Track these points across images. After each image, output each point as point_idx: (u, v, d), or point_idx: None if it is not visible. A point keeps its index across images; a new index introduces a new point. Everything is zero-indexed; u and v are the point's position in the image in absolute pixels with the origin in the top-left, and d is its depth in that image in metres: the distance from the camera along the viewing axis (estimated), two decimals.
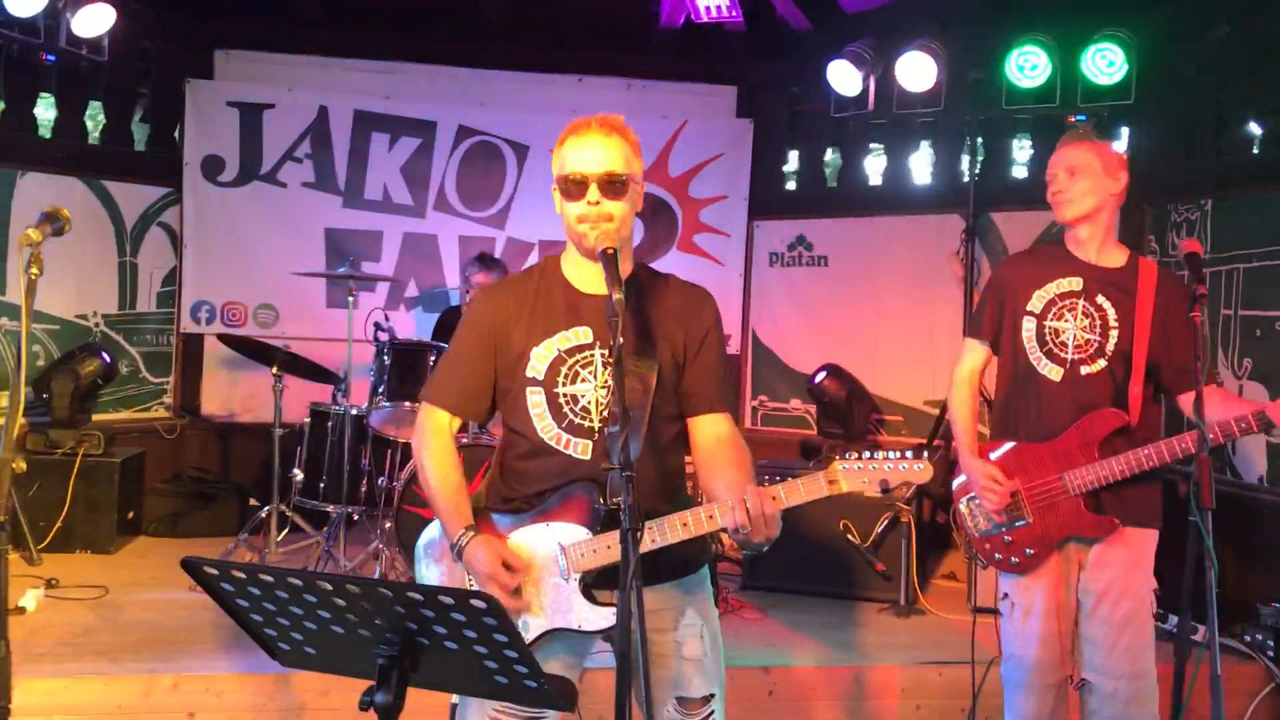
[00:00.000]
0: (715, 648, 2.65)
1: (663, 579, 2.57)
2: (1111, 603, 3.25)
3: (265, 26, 7.16)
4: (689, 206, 7.57)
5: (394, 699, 1.87)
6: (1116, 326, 3.27)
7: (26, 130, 6.42)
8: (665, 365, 2.56)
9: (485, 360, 2.60)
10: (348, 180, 7.20)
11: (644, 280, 2.66)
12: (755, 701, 4.19)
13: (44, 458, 5.80)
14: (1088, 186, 3.29)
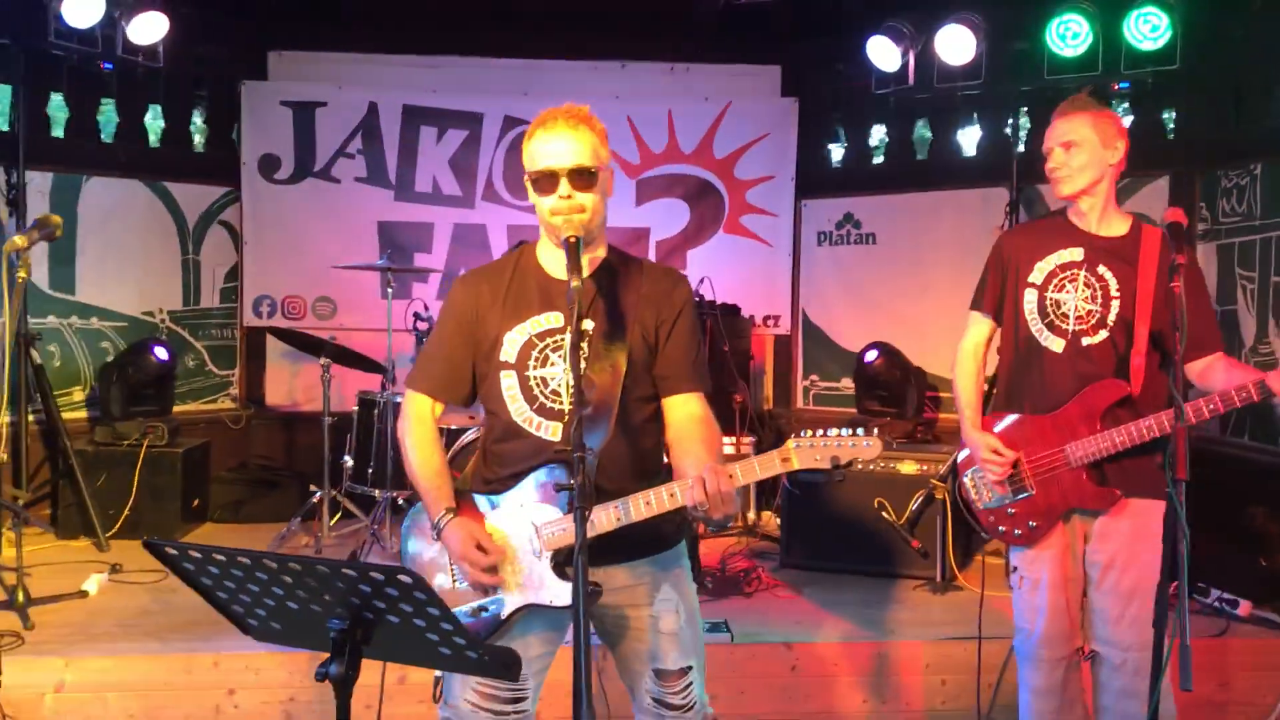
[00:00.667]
0: (691, 622, 2.73)
1: (637, 556, 2.66)
2: (1117, 573, 3.24)
3: (315, 27, 7.35)
4: (735, 188, 7.59)
5: (347, 670, 1.99)
6: (1118, 296, 3.24)
7: (89, 136, 6.70)
8: (636, 348, 2.63)
9: (462, 346, 2.70)
10: (398, 174, 7.38)
11: (616, 265, 2.73)
12: (777, 677, 4.24)
13: (111, 449, 6.07)
14: (1085, 160, 3.26)
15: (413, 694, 4.04)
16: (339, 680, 1.98)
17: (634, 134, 7.50)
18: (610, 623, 2.71)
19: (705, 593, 4.95)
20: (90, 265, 6.68)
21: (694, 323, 2.74)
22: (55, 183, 6.51)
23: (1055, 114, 3.38)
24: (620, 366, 2.60)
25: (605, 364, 2.59)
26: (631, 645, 2.70)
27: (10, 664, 4.03)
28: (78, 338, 6.63)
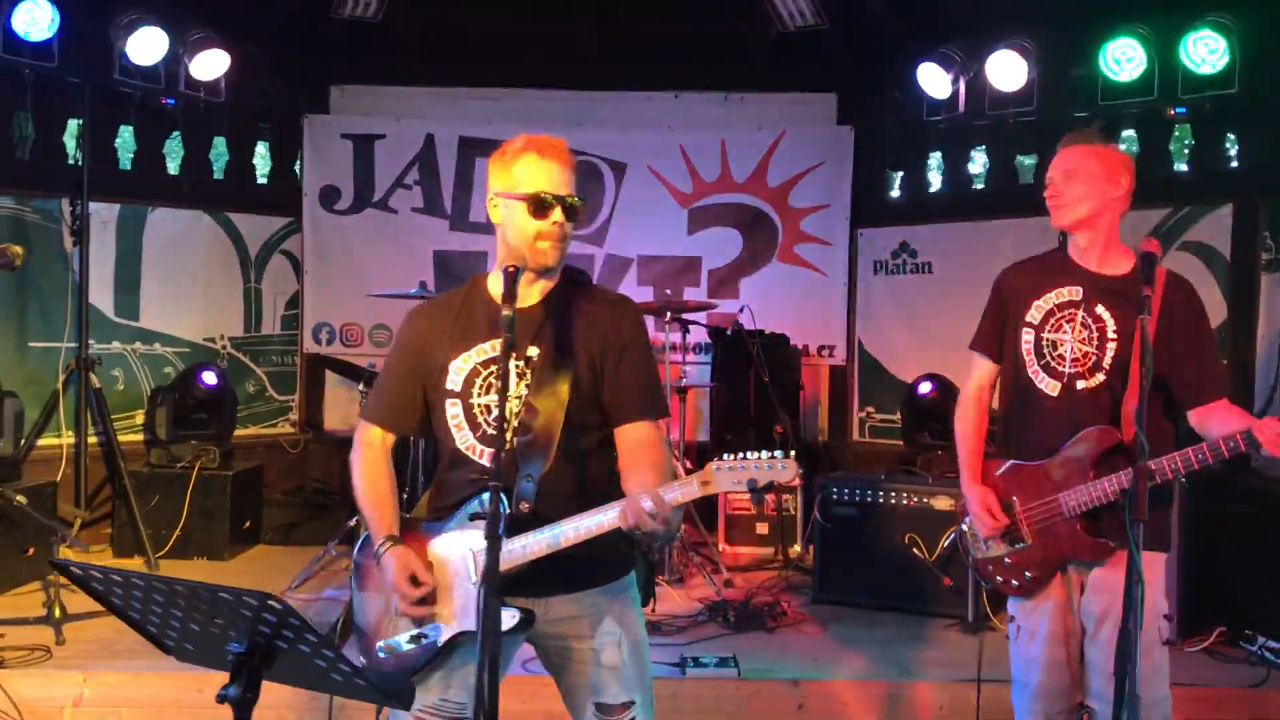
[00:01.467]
0: (636, 655, 2.68)
1: (580, 586, 2.63)
2: (1112, 627, 3.06)
3: (375, 61, 7.53)
4: (789, 217, 7.53)
5: (244, 693, 2.00)
6: (1115, 338, 3.08)
7: (155, 168, 6.96)
8: (582, 375, 2.61)
9: (410, 377, 2.72)
10: (454, 204, 7.50)
11: (568, 292, 2.72)
12: (783, 715, 4.15)
13: (164, 471, 6.26)
14: (1084, 191, 3.12)
15: None
16: (235, 703, 1.99)
17: (686, 163, 7.50)
18: (553, 654, 2.69)
19: (725, 626, 4.89)
20: (154, 292, 6.92)
21: (645, 351, 2.71)
22: (121, 213, 6.78)
23: (1060, 144, 3.25)
24: (564, 394, 2.58)
25: (549, 391, 2.58)
26: (573, 678, 2.67)
27: (35, 677, 4.19)
28: (141, 362, 6.87)
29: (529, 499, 2.51)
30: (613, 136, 7.49)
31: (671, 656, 4.36)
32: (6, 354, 6.35)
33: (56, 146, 6.45)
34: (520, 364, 2.62)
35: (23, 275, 6.38)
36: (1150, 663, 3.03)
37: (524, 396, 2.59)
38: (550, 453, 2.54)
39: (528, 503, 2.50)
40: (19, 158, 6.35)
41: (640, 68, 7.54)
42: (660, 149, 7.49)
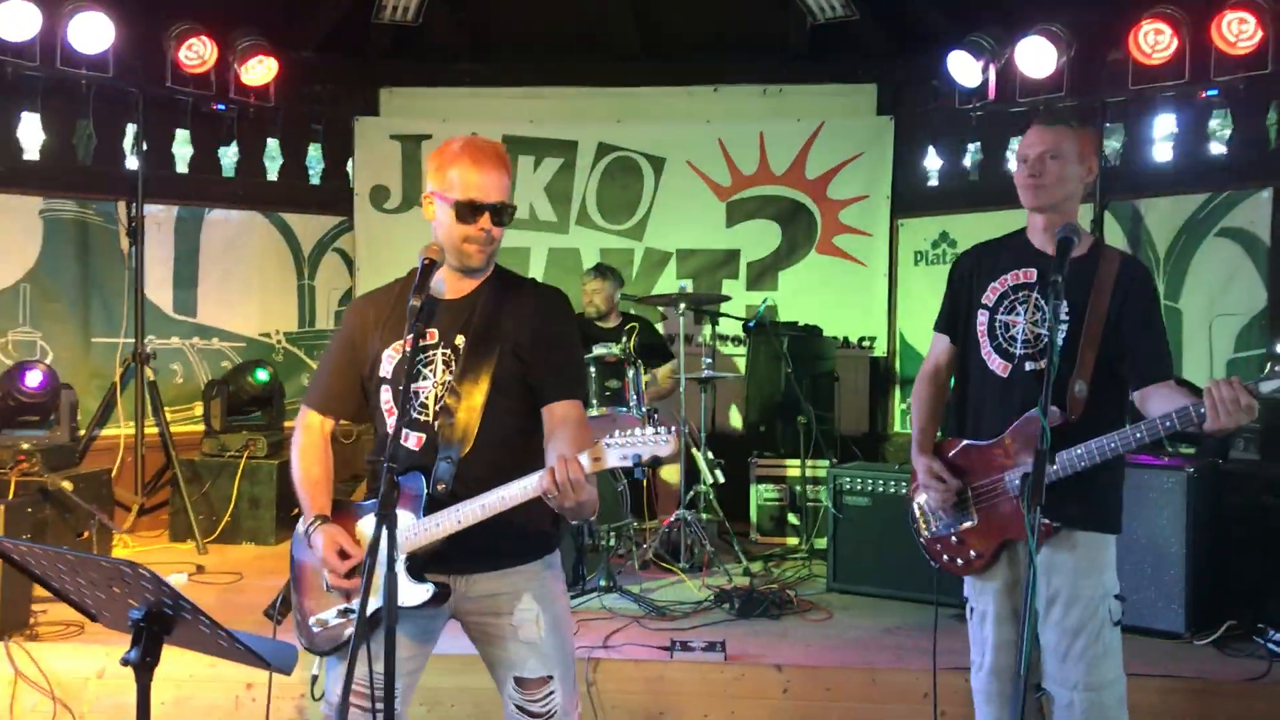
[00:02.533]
0: (555, 631, 2.78)
1: (501, 565, 2.75)
2: (1062, 608, 3.07)
3: (421, 64, 7.77)
4: (828, 208, 7.53)
5: (143, 656, 2.18)
6: (1067, 320, 3.09)
7: (211, 172, 7.28)
8: (505, 362, 2.72)
9: (348, 365, 2.87)
10: None
11: (498, 284, 2.84)
12: (767, 698, 4.21)
13: (215, 460, 6.57)
14: (1065, 172, 3.10)
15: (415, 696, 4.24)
16: (136, 666, 2.16)
17: (725, 157, 7.56)
18: (474, 630, 2.81)
19: (730, 613, 4.96)
20: (211, 290, 7.25)
21: (570, 338, 2.85)
22: (179, 214, 7.13)
23: (1036, 121, 3.23)
24: (485, 381, 2.70)
25: (471, 378, 2.70)
26: (493, 652, 2.80)
27: (65, 650, 4.47)
28: (199, 357, 7.20)
29: (446, 480, 2.64)
30: (652, 131, 7.59)
31: (663, 641, 4.45)
32: (72, 349, 6.74)
33: (115, 152, 6.79)
34: (447, 352, 2.75)
35: (86, 274, 6.78)
36: (1100, 644, 3.04)
37: (448, 383, 2.71)
38: (471, 436, 2.67)
39: (444, 483, 2.63)
40: (81, 163, 6.71)
41: (679, 63, 7.64)
42: (699, 143, 7.57)
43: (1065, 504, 3.03)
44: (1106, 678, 3.06)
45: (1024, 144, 3.17)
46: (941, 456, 3.29)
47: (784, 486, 6.56)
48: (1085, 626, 3.04)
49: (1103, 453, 2.89)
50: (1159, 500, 4.64)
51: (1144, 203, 6.34)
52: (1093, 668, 3.05)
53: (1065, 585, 3.07)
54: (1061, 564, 3.07)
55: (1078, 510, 3.05)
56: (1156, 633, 4.61)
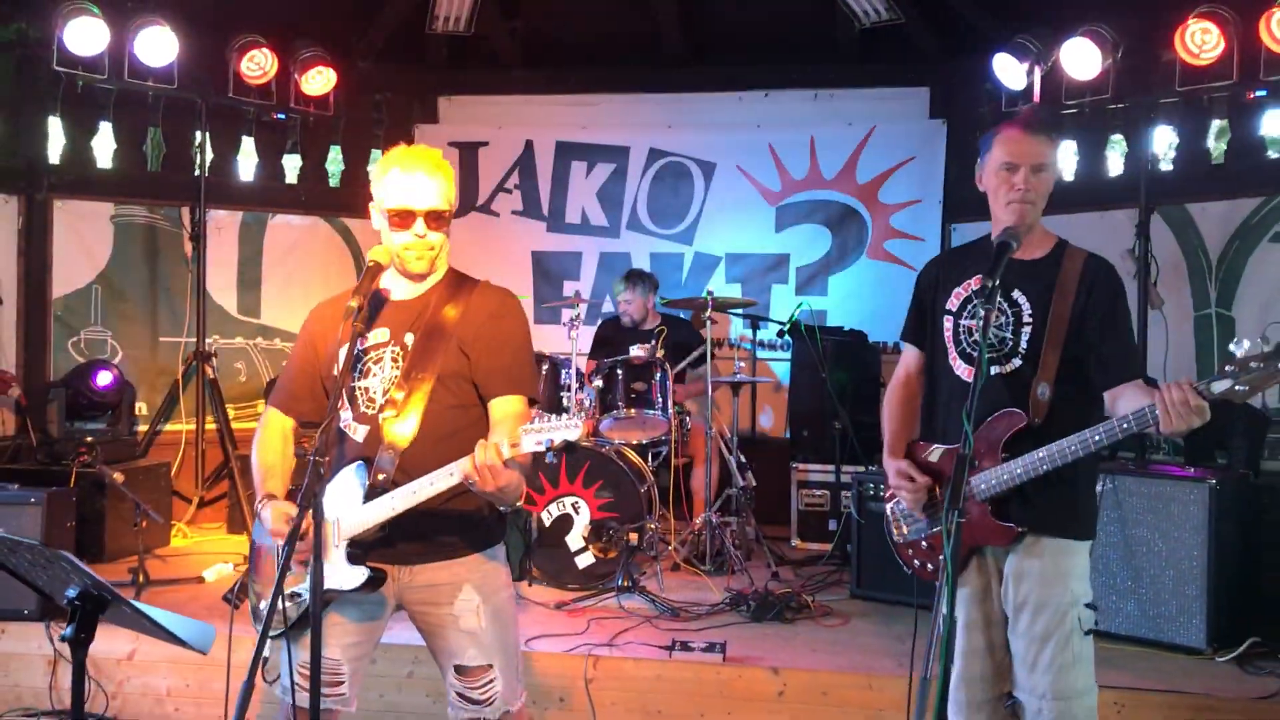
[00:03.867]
0: (496, 622, 2.88)
1: (443, 556, 2.86)
2: (1030, 616, 3.03)
3: (477, 72, 7.96)
4: (879, 212, 7.49)
5: (78, 633, 2.32)
6: (1030, 322, 3.06)
7: (274, 178, 7.56)
8: (451, 359, 2.85)
9: (307, 365, 3.01)
10: (551, 206, 7.83)
11: (451, 285, 2.96)
12: (763, 699, 4.23)
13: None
14: (1045, 188, 3.06)
15: (420, 687, 4.38)
16: (70, 643, 2.31)
17: (775, 161, 7.58)
18: (418, 619, 2.93)
19: (744, 615, 4.98)
20: (274, 292, 7.53)
21: (517, 336, 2.93)
22: (243, 219, 7.42)
23: (1018, 125, 3.16)
24: (430, 378, 2.82)
25: (417, 375, 2.83)
26: (435, 641, 2.91)
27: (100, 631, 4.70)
28: (262, 356, 7.49)
29: (387, 470, 2.77)
30: (702, 137, 7.66)
31: (665, 640, 4.50)
32: (140, 348, 7.07)
33: (183, 160, 7.09)
34: (396, 350, 2.87)
35: (154, 276, 7.11)
36: (1069, 653, 2.98)
37: (395, 378, 2.84)
38: (414, 430, 2.79)
39: (385, 473, 2.76)
40: (150, 171, 7.04)
41: (730, 69, 7.69)
42: (749, 148, 7.60)
43: (1031, 508, 3.01)
44: (1075, 687, 3.00)
45: (1010, 149, 3.08)
46: (913, 459, 3.28)
47: (824, 492, 6.55)
48: (1054, 634, 2.99)
49: (1063, 455, 2.85)
50: (1180, 512, 4.52)
51: (1195, 207, 6.16)
52: (1061, 677, 3.00)
53: (1032, 592, 3.03)
54: (1029, 570, 3.04)
55: (1044, 515, 3.01)
56: (1177, 648, 4.50)
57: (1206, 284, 6.14)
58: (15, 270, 6.63)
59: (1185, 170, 6.25)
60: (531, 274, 7.79)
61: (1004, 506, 3.04)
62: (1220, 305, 6.08)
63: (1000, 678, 3.16)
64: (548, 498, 5.43)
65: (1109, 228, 6.49)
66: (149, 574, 5.31)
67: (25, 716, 4.61)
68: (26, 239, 6.68)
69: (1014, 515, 3.04)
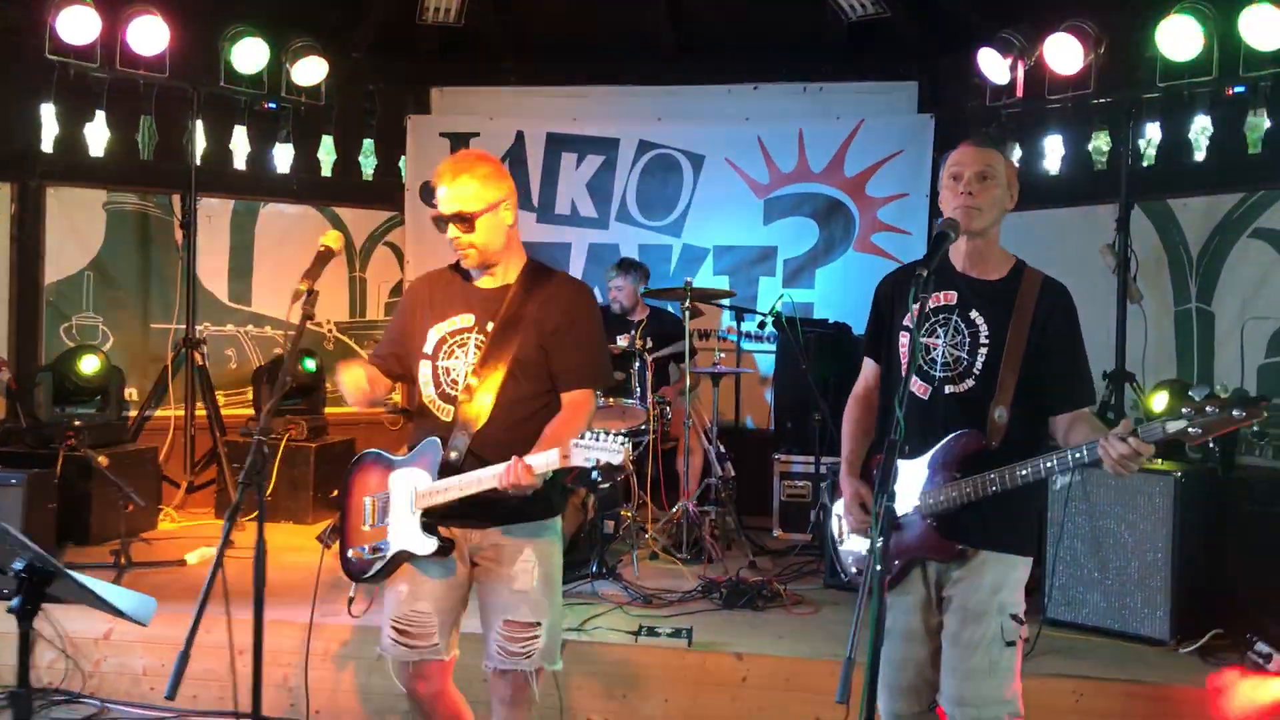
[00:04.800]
0: (546, 586, 3.14)
1: (508, 522, 3.10)
2: (959, 624, 3.01)
3: (470, 64, 8.00)
4: (867, 206, 7.52)
5: (24, 604, 2.39)
6: (987, 344, 3.05)
7: (266, 167, 7.62)
8: (528, 349, 3.08)
9: (404, 335, 3.27)
10: (540, 197, 7.87)
11: (529, 277, 3.20)
12: (726, 685, 4.28)
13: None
14: (995, 197, 3.06)
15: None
16: (19, 613, 2.38)
17: (764, 154, 7.61)
18: (479, 573, 3.17)
19: (716, 603, 5.03)
20: (265, 280, 7.60)
21: (591, 328, 3.18)
22: (235, 208, 7.49)
23: (968, 141, 3.17)
24: (505, 365, 3.06)
25: (493, 362, 3.07)
26: (489, 597, 3.16)
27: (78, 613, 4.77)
28: (252, 344, 7.56)
29: (459, 449, 3.02)
30: (691, 129, 7.69)
31: (633, 625, 4.55)
32: (132, 334, 7.16)
33: (175, 148, 7.16)
34: (479, 337, 3.11)
35: (145, 263, 7.19)
36: (984, 660, 2.96)
37: (474, 364, 3.07)
38: (485, 414, 3.04)
39: (457, 452, 3.02)
40: (142, 159, 7.11)
41: (719, 61, 7.71)
42: (738, 140, 7.63)
43: (973, 526, 2.99)
44: (992, 696, 2.96)
45: (954, 161, 3.09)
46: (868, 471, 3.28)
47: (806, 483, 6.59)
48: (977, 643, 2.98)
49: (1014, 479, 2.86)
50: (1146, 505, 4.56)
51: (1176, 202, 6.18)
52: (972, 683, 2.97)
53: (959, 599, 3.03)
54: (959, 579, 3.03)
55: (987, 531, 3.00)
56: (1140, 639, 4.54)
57: (1187, 279, 6.16)
58: (7, 256, 6.71)
59: (1167, 165, 6.28)
60: None
61: (949, 523, 3.04)
62: (1200, 300, 6.10)
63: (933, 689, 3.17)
64: None
65: (1091, 222, 6.51)
66: (131, 556, 5.39)
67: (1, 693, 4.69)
68: (19, 225, 6.76)
69: (957, 531, 3.04)
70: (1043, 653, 4.38)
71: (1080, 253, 6.53)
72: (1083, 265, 6.46)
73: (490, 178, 3.12)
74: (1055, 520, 4.77)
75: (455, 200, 3.08)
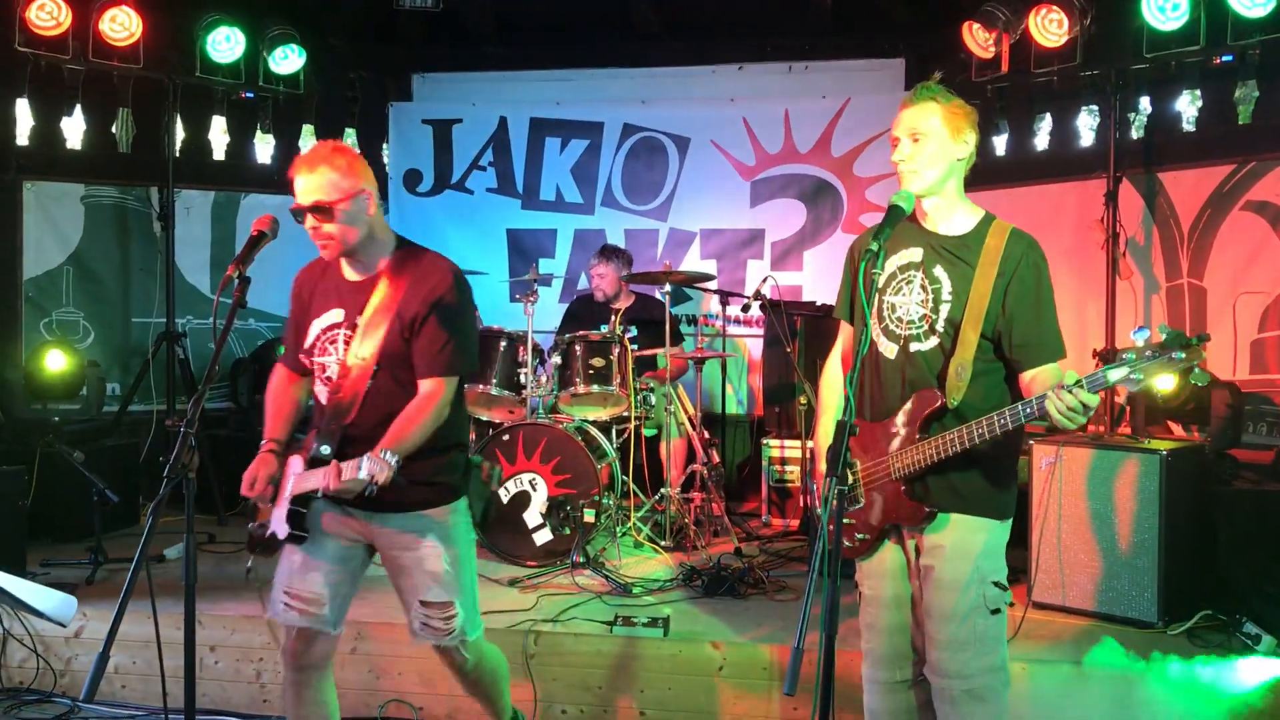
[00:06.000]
0: (456, 567, 3.19)
1: (409, 508, 3.13)
2: (935, 593, 2.97)
3: (451, 49, 7.91)
4: (854, 186, 7.41)
5: None
6: (950, 300, 2.98)
7: (246, 158, 7.54)
8: (392, 338, 3.04)
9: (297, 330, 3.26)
10: (525, 183, 7.78)
11: (396, 264, 3.14)
12: (702, 675, 4.20)
13: (239, 436, 6.81)
14: (934, 153, 2.97)
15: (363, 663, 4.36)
16: None
17: (749, 135, 7.50)
18: (387, 561, 3.20)
19: (696, 591, 4.95)
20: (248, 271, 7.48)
21: (450, 311, 3.07)
22: (215, 199, 7.42)
23: (903, 101, 3.13)
24: (370, 358, 3.03)
25: (361, 355, 3.05)
26: (402, 580, 3.21)
27: None
28: (236, 337, 7.49)
29: (329, 444, 3.01)
30: (676, 111, 7.58)
31: (610, 616, 4.47)
32: (112, 328, 7.10)
33: (153, 140, 7.08)
34: (349, 331, 3.09)
35: (125, 257, 7.12)
36: (972, 631, 2.93)
37: (342, 360, 3.07)
38: (354, 408, 3.03)
39: (328, 446, 3.00)
40: (120, 151, 7.03)
41: (703, 42, 7.61)
42: (723, 122, 7.52)
43: (944, 488, 2.96)
44: (979, 666, 2.93)
45: (893, 125, 3.06)
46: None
47: (794, 468, 6.49)
48: (957, 612, 2.94)
49: (972, 437, 2.80)
50: (1132, 485, 4.46)
51: (1167, 175, 6.06)
52: (960, 654, 2.94)
53: (936, 568, 2.97)
54: (935, 546, 2.99)
55: (957, 494, 2.96)
56: (1129, 621, 4.45)
57: (1178, 254, 6.04)
58: None
59: (1155, 138, 6.16)
60: (506, 252, 7.75)
61: (917, 485, 2.99)
62: (1192, 275, 5.98)
63: (916, 657, 3.12)
64: (505, 474, 5.41)
65: (1080, 197, 6.41)
66: (107, 553, 5.33)
67: None
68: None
69: (926, 494, 2.99)
70: (1027, 637, 4.30)
71: (1070, 228, 6.43)
72: (1074, 241, 6.38)
73: (348, 168, 3.08)
74: (1039, 501, 4.67)
75: (313, 190, 3.05)
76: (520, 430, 5.43)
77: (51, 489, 5.75)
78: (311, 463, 3.02)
